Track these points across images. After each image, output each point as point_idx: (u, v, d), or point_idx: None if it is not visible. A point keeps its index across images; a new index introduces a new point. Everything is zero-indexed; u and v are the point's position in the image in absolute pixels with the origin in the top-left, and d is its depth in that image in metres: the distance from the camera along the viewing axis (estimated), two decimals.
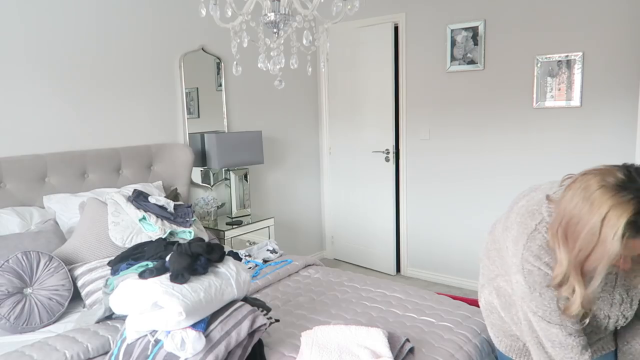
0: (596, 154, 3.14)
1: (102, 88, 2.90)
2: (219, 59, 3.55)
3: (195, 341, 1.48)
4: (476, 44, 3.55)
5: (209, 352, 1.49)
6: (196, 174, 3.43)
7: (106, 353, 1.72)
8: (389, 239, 4.20)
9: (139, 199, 2.52)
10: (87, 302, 2.11)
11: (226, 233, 3.26)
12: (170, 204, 2.57)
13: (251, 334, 1.62)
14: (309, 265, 2.71)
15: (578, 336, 1.27)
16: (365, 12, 4.03)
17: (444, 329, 1.91)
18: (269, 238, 3.57)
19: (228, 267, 1.72)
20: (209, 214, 3.36)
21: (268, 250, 2.84)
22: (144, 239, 2.35)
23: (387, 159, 4.11)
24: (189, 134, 3.39)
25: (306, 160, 4.49)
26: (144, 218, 2.42)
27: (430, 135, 3.91)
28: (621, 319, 1.34)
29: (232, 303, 1.68)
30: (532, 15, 3.31)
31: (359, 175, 4.35)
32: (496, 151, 3.59)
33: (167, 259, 1.66)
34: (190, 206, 2.67)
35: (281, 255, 2.84)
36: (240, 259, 1.93)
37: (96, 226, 2.36)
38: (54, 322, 2.02)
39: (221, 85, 3.60)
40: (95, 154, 2.79)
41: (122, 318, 1.83)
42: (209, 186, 3.57)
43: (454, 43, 3.66)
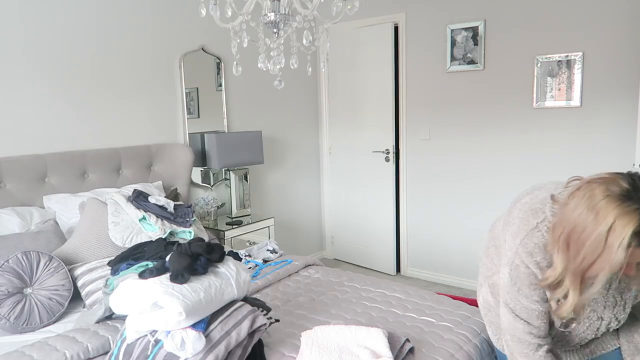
0: (596, 154, 3.14)
1: (102, 88, 2.91)
2: (219, 59, 3.55)
3: (195, 341, 1.48)
4: (476, 44, 3.55)
5: (209, 352, 1.49)
6: (196, 174, 3.43)
7: (106, 353, 1.72)
8: (389, 239, 4.20)
9: (139, 199, 2.52)
10: (87, 302, 2.11)
11: (226, 233, 3.26)
12: (170, 204, 2.57)
13: (251, 334, 1.62)
14: (309, 265, 2.71)
15: (537, 336, 1.33)
16: (365, 12, 4.03)
17: (444, 329, 1.91)
18: (269, 238, 3.57)
19: (228, 267, 1.72)
20: (209, 214, 3.36)
21: (268, 250, 2.84)
22: (144, 239, 2.35)
23: (387, 159, 4.11)
24: (189, 134, 3.39)
25: (306, 160, 4.49)
26: (144, 218, 2.42)
27: (430, 135, 3.91)
28: (614, 321, 1.35)
29: (232, 303, 1.68)
30: (532, 15, 3.31)
31: (359, 175, 4.35)
32: (496, 151, 3.59)
33: (167, 259, 1.66)
34: (190, 206, 2.67)
35: (281, 255, 2.84)
36: (240, 259, 1.93)
37: (96, 226, 2.36)
38: (54, 322, 2.02)
39: (221, 85, 3.60)
40: (95, 154, 2.79)
41: (122, 318, 1.83)
42: (209, 186, 3.57)
43: (454, 43, 3.66)
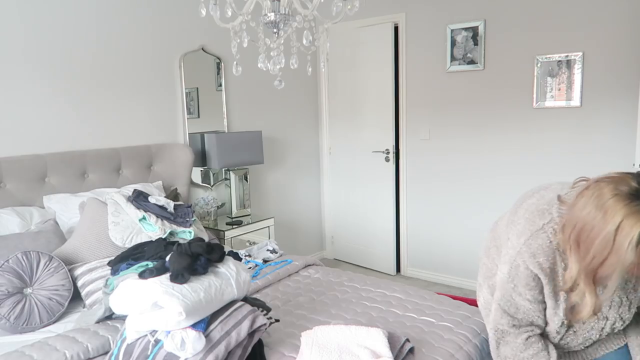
0: (596, 154, 3.14)
1: (102, 88, 2.91)
2: (219, 59, 3.55)
3: (195, 341, 1.48)
4: (476, 44, 3.55)
5: (209, 352, 1.49)
6: (196, 174, 3.43)
7: (106, 353, 1.72)
8: (389, 239, 4.20)
9: (139, 199, 2.52)
10: (87, 302, 2.11)
11: (226, 233, 3.26)
12: (170, 204, 2.57)
13: (251, 334, 1.62)
14: (309, 265, 2.71)
15: (519, 326, 1.36)
16: (365, 12, 4.04)
17: (444, 329, 1.91)
18: (269, 238, 3.57)
19: (228, 267, 1.72)
20: (209, 214, 3.36)
21: (268, 250, 2.84)
22: (144, 239, 2.35)
23: (387, 159, 4.11)
24: (189, 134, 3.39)
25: (306, 160, 4.49)
26: (144, 218, 2.42)
27: (430, 135, 3.91)
28: (618, 321, 1.34)
29: (232, 303, 1.68)
30: (532, 15, 3.31)
31: (359, 175, 4.35)
32: (496, 151, 3.59)
33: (167, 259, 1.66)
34: (190, 206, 2.67)
35: (281, 255, 2.84)
36: (240, 259, 1.93)
37: (96, 226, 2.36)
38: (54, 322, 2.02)
39: (221, 85, 3.60)
40: (95, 154, 2.79)
41: (122, 318, 1.83)
42: (209, 186, 3.57)
43: (454, 43, 3.66)
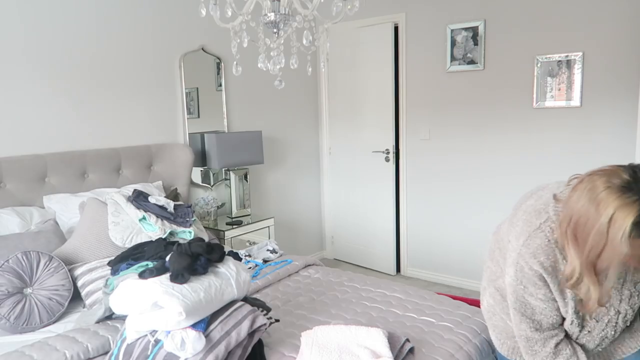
0: (596, 154, 3.14)
1: (102, 88, 2.91)
2: (219, 59, 3.55)
3: (195, 341, 1.48)
4: (476, 44, 3.55)
5: (209, 352, 1.49)
6: (196, 174, 3.43)
7: (106, 353, 1.72)
8: (389, 239, 4.20)
9: (139, 199, 2.52)
10: (87, 302, 2.11)
11: (226, 233, 3.26)
12: (170, 204, 2.57)
13: (251, 334, 1.62)
14: (309, 265, 2.71)
15: (543, 330, 1.34)
16: (365, 12, 4.03)
17: (444, 329, 1.91)
18: (269, 238, 3.57)
19: (228, 267, 1.72)
20: (209, 214, 3.36)
21: (268, 250, 2.84)
22: (144, 239, 2.35)
23: (387, 159, 4.11)
24: (189, 134, 3.39)
25: (306, 160, 4.49)
26: (144, 218, 2.42)
27: (430, 135, 3.91)
28: (630, 312, 1.36)
29: (232, 303, 1.68)
30: (532, 15, 3.31)
31: (359, 175, 4.35)
32: (496, 151, 3.59)
33: (167, 259, 1.66)
34: (190, 206, 2.67)
35: (281, 255, 2.84)
36: (240, 259, 1.93)
37: (96, 226, 2.36)
38: (54, 322, 2.02)
39: (221, 85, 3.60)
40: (95, 154, 2.79)
41: (122, 318, 1.83)
42: (209, 186, 3.57)
43: (454, 43, 3.66)
